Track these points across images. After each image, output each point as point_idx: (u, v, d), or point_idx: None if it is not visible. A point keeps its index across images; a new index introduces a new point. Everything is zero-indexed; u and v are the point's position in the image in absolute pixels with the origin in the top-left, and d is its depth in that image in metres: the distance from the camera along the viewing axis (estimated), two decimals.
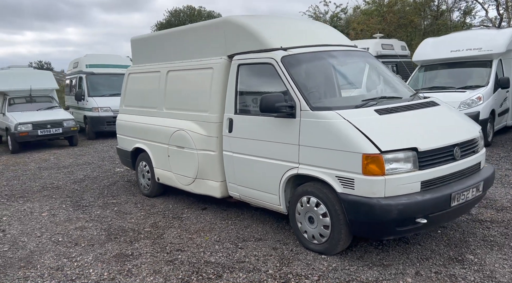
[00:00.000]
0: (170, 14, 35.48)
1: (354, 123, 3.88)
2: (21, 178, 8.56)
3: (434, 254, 4.11)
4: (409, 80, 10.72)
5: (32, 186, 7.78)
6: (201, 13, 35.55)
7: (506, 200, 5.61)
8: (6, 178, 8.63)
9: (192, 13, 35.42)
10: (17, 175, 8.87)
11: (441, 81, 10.55)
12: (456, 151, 4.04)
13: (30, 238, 5.04)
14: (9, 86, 12.60)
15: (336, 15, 21.57)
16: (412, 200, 3.68)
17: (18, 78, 12.82)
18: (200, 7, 35.34)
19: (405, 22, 18.28)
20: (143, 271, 4.01)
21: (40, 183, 7.94)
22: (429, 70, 10.96)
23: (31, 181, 8.17)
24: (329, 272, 3.83)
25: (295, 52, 4.68)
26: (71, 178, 8.24)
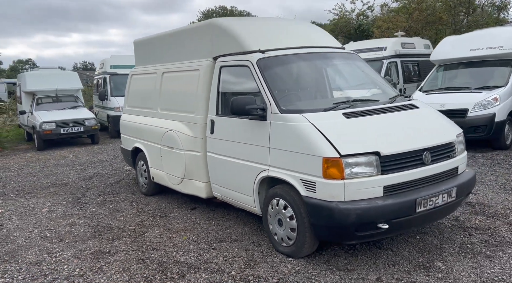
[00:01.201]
0: (203, 15, 35.99)
1: (318, 126, 3.85)
2: (37, 174, 8.98)
3: (403, 260, 4.01)
4: (426, 80, 10.41)
5: (43, 182, 8.16)
6: (233, 13, 35.82)
7: (502, 206, 5.37)
8: (24, 174, 9.08)
9: (224, 13, 35.75)
10: (34, 171, 9.32)
11: (459, 81, 10.16)
12: (426, 155, 3.92)
13: (21, 233, 5.30)
14: (37, 86, 13.23)
15: (363, 13, 21.17)
16: (372, 205, 3.61)
17: (46, 79, 13.42)
18: (232, 7, 35.67)
19: (433, 19, 17.68)
20: (112, 269, 4.14)
21: (52, 180, 8.31)
22: (448, 70, 10.59)
23: (44, 178, 8.56)
24: (290, 275, 3.81)
25: (272, 54, 4.68)
26: (81, 175, 8.56)
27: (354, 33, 20.88)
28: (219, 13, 35.74)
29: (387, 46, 12.02)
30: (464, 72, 10.35)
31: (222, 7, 35.96)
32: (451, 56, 10.31)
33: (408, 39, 13.42)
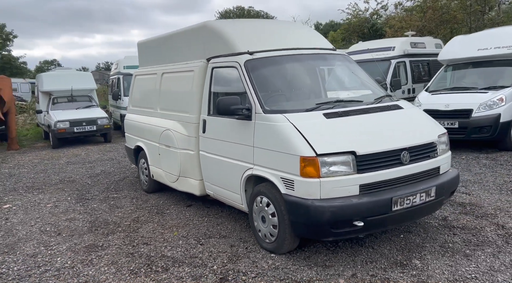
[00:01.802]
0: (221, 15, 36.27)
1: (297, 126, 3.96)
2: (48, 171, 9.32)
3: (382, 258, 4.08)
4: (432, 80, 10.35)
5: (52, 179, 8.47)
6: (250, 13, 35.97)
7: (493, 207, 5.36)
8: (36, 170, 9.43)
9: (241, 14, 35.95)
10: (46, 168, 9.66)
11: (467, 81, 10.07)
12: (404, 155, 3.98)
13: (24, 227, 5.56)
14: (53, 86, 13.66)
15: (376, 12, 20.98)
16: (346, 203, 3.71)
17: (61, 79, 13.84)
18: (250, 7, 35.86)
19: (448, 18, 17.43)
20: (102, 262, 4.33)
21: (61, 177, 8.62)
22: (457, 70, 10.50)
23: (54, 174, 8.87)
24: (269, 271, 3.93)
25: (260, 56, 4.80)
26: (89, 172, 8.85)
27: (368, 32, 20.76)
28: (236, 14, 35.99)
29: (395, 46, 11.97)
30: (472, 72, 10.25)
31: (239, 8, 36.19)
32: (459, 56, 10.22)
33: (418, 38, 13.32)
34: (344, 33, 22.42)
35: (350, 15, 21.84)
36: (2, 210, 6.43)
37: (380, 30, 19.91)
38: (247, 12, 36.04)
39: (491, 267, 3.79)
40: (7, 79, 12.91)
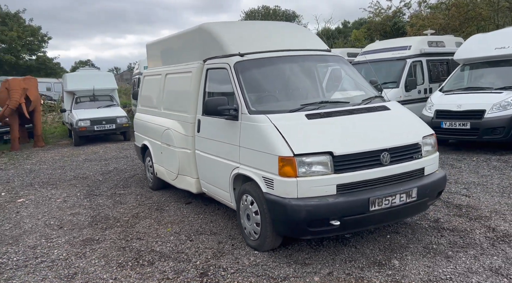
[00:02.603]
0: (246, 15, 36.49)
1: (278, 127, 4.05)
2: (65, 167, 9.72)
3: (362, 257, 4.12)
4: (447, 80, 10.17)
5: (67, 175, 8.83)
6: (276, 13, 36.02)
7: (490, 210, 5.28)
8: (54, 167, 9.84)
9: (267, 13, 36.03)
10: (64, 165, 10.07)
11: (483, 81, 9.84)
12: (384, 156, 4.01)
13: (31, 220, 5.87)
14: (76, 86, 14.17)
15: (399, 10, 20.63)
16: (322, 202, 3.77)
17: (84, 79, 14.34)
18: (276, 6, 35.86)
19: (473, 15, 16.96)
20: (94, 255, 4.55)
21: (76, 173, 8.98)
22: (475, 69, 10.28)
23: (71, 171, 9.25)
24: (249, 267, 4.04)
25: (250, 57, 4.91)
26: (102, 169, 9.18)
27: (390, 31, 20.46)
28: (262, 13, 36.09)
29: (411, 45, 11.76)
30: (489, 72, 10.01)
31: (265, 7, 36.30)
32: (475, 55, 10.00)
33: (437, 37, 13.06)
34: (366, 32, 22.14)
35: (372, 14, 21.59)
36: (16, 204, 6.78)
37: (402, 28, 19.56)
38: (273, 12, 36.11)
39: (469, 269, 3.78)
40: (33, 80, 13.48)
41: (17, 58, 35.08)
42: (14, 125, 13.05)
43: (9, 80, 12.90)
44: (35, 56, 37.29)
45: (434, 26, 16.75)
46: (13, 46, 34.47)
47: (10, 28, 33.95)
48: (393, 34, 19.28)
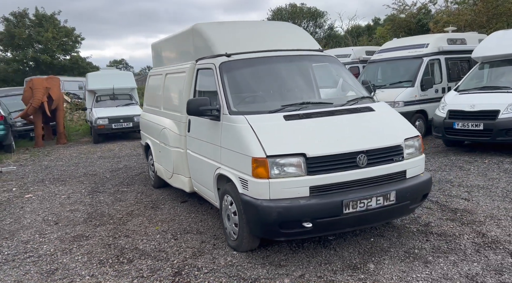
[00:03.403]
0: (273, 13, 36.39)
1: (254, 128, 4.04)
2: (79, 164, 10.00)
3: (339, 260, 4.06)
4: (464, 79, 9.82)
5: (78, 172, 9.09)
6: (303, 11, 35.68)
7: (486, 214, 5.08)
8: (69, 164, 10.15)
9: (293, 11, 35.77)
10: (79, 161, 10.37)
11: (504, 80, 9.41)
12: (360, 158, 3.93)
13: (31, 215, 6.08)
14: (96, 85, 14.55)
15: (424, 6, 20.00)
16: (294, 204, 3.74)
17: (104, 78, 14.69)
18: (302, 4, 35.56)
19: (502, 10, 16.23)
20: (79, 251, 4.67)
21: (87, 170, 9.23)
22: (495, 67, 9.89)
23: (83, 168, 9.52)
24: (223, 267, 4.05)
25: (236, 58, 4.91)
26: (112, 167, 9.40)
27: (415, 28, 19.93)
28: (288, 11, 35.89)
29: (429, 43, 11.43)
30: (510, 71, 9.61)
31: (292, 5, 36.07)
32: (493, 53, 9.61)
33: (458, 34, 12.64)
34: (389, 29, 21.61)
35: (396, 11, 21.08)
36: (23, 199, 7.04)
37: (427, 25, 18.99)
38: (300, 9, 35.81)
39: (444, 275, 3.66)
40: (56, 79, 13.94)
41: (52, 58, 36.31)
42: (38, 123, 13.54)
43: (33, 80, 13.39)
44: (69, 56, 38.48)
45: (459, 23, 16.20)
46: (48, 47, 35.74)
47: (46, 29, 35.19)
48: (417, 32, 18.77)
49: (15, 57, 35.91)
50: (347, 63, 13.93)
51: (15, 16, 36.06)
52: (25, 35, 35.18)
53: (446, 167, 7.63)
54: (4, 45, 36.54)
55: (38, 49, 36.47)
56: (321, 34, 34.76)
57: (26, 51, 35.88)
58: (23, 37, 35.11)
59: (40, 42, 35.92)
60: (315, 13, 35.43)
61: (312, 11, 35.81)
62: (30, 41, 35.87)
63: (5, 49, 36.92)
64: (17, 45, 35.97)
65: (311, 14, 35.54)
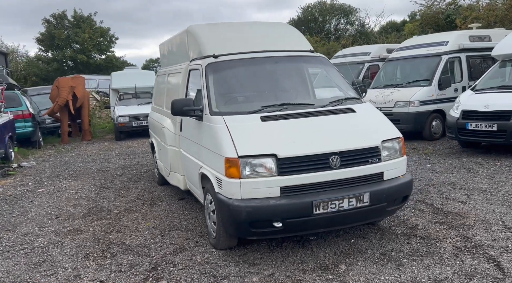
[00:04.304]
0: (303, 10, 36.16)
1: (230, 128, 4.11)
2: (96, 161, 10.37)
3: (312, 260, 4.08)
4: (482, 78, 9.49)
5: (93, 168, 9.43)
6: (333, 7, 35.24)
7: (477, 219, 4.94)
8: (87, 160, 10.54)
9: (322, 8, 35.39)
10: (97, 158, 10.75)
11: None
12: (333, 159, 3.92)
13: (37, 209, 6.38)
14: (119, 84, 15.00)
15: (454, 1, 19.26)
16: (263, 204, 3.79)
17: (127, 77, 15.12)
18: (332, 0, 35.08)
19: None
20: (70, 244, 4.87)
21: (101, 166, 9.56)
22: None
23: (98, 164, 9.86)
24: (198, 264, 4.15)
25: (222, 59, 4.99)
26: (126, 163, 9.69)
27: (443, 25, 19.31)
28: (317, 8, 35.55)
29: (449, 40, 11.09)
30: None
31: (321, 2, 35.67)
32: None
33: (482, 31, 12.19)
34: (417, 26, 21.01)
35: (423, 6, 20.49)
36: (35, 193, 7.39)
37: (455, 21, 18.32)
38: (330, 6, 35.37)
39: (412, 278, 3.62)
40: (81, 78, 14.46)
41: (88, 57, 37.60)
42: (64, 121, 14.12)
43: (59, 79, 13.97)
44: (104, 56, 39.70)
45: (489, 18, 15.59)
46: (85, 47, 37.05)
47: (83, 30, 36.49)
48: (446, 28, 18.19)
49: (55, 57, 37.41)
50: (366, 61, 13.74)
51: (55, 18, 37.60)
52: (64, 36, 36.60)
53: (454, 169, 7.43)
54: (45, 46, 38.17)
55: (75, 49, 37.84)
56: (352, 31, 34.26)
57: (65, 51, 37.31)
58: (62, 38, 36.54)
59: (78, 43, 37.26)
60: (347, 10, 34.91)
61: (344, 8, 35.34)
62: (68, 42, 37.27)
63: (46, 49, 38.55)
64: (57, 45, 37.50)
65: (343, 11, 35.07)
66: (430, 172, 7.32)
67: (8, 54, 23.89)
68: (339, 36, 33.63)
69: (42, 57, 38.30)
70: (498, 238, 4.37)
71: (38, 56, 38.57)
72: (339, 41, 26.86)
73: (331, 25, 36.11)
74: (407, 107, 10.38)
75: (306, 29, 35.48)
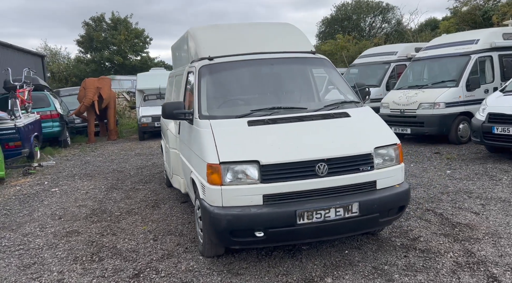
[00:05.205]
0: (337, 9, 35.50)
1: (215, 133, 3.97)
2: (114, 160, 10.50)
3: (299, 272, 3.89)
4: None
5: (110, 168, 9.54)
6: (369, 6, 34.34)
7: (488, 231, 4.58)
8: (106, 160, 10.69)
9: (358, 6, 34.59)
10: (116, 158, 10.89)
11: None
12: (320, 167, 3.70)
13: (44, 209, 6.47)
14: (144, 85, 15.16)
15: None
16: (244, 212, 3.63)
17: (152, 78, 15.25)
18: None
19: None
20: (64, 246, 4.87)
21: (118, 166, 9.66)
22: None
23: (116, 164, 9.98)
24: (181, 272, 4.03)
25: (217, 61, 4.86)
26: (142, 164, 9.75)
27: (480, 22, 18.38)
28: (352, 6, 34.79)
29: (479, 39, 10.51)
30: None
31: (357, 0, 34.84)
32: None
33: None
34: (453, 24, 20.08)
35: (459, 3, 19.58)
36: (48, 193, 7.53)
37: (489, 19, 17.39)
38: (365, 4, 34.51)
39: None
40: (107, 80, 14.75)
41: (124, 58, 38.52)
42: (91, 121, 14.45)
43: (86, 80, 14.31)
44: (139, 57, 40.55)
45: None
46: (121, 48, 38.00)
47: (119, 32, 37.42)
48: (483, 25, 17.31)
49: (94, 58, 38.57)
50: (393, 61, 13.25)
51: (94, 21, 38.77)
52: (102, 38, 37.64)
53: (475, 176, 6.98)
54: (85, 48, 39.44)
55: (112, 51, 38.85)
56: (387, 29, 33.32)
57: (103, 52, 38.38)
58: (100, 40, 37.61)
59: (114, 44, 38.24)
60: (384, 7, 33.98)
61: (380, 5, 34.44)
62: (106, 43, 38.31)
63: (85, 51, 39.83)
64: (95, 47, 38.67)
65: (379, 8, 34.18)
66: (448, 179, 6.91)
67: (45, 57, 24.71)
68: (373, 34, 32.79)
69: (81, 59, 39.56)
70: (505, 254, 4.01)
71: (78, 58, 39.87)
72: (371, 40, 26.17)
73: (366, 24, 35.29)
74: (431, 109, 9.90)
75: (339, 27, 34.86)
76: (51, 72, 37.87)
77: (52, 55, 41.17)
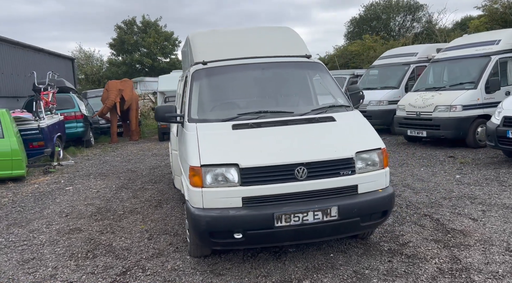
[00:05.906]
0: (366, 9, 34.99)
1: (199, 136, 4.07)
2: (131, 161, 10.79)
3: (279, 274, 3.93)
4: None
5: (124, 168, 9.81)
6: (399, 6, 33.63)
7: (482, 238, 4.48)
8: (124, 160, 10.99)
9: (387, 5, 33.95)
10: (133, 158, 11.18)
11: None
12: (299, 170, 3.73)
13: (54, 207, 6.74)
14: (165, 87, 15.45)
15: None
16: (222, 214, 3.70)
17: (173, 80, 15.42)
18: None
19: None
20: (64, 243, 5.08)
21: (133, 166, 9.92)
22: None
23: (132, 164, 10.25)
24: (166, 271, 4.14)
25: (210, 66, 4.96)
26: (155, 164, 9.98)
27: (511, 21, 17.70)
28: (381, 6, 34.21)
29: (501, 39, 10.18)
30: None
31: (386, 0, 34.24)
32: None
33: None
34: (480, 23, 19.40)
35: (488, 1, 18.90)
36: (62, 191, 7.83)
37: None
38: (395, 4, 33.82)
39: None
40: (129, 82, 15.15)
41: (153, 61, 39.34)
42: (114, 121, 14.86)
43: (109, 83, 14.74)
44: (168, 59, 41.31)
45: None
46: (151, 51, 38.84)
47: (148, 34, 38.27)
48: None
49: (125, 61, 39.57)
50: (412, 62, 13.00)
51: (125, 24, 39.79)
52: (133, 40, 38.58)
53: (485, 181, 6.80)
54: (116, 50, 40.54)
55: (142, 53, 39.74)
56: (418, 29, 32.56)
57: (133, 55, 39.33)
58: (131, 43, 38.56)
59: (144, 47, 39.12)
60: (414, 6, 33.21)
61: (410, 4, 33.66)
62: (136, 46, 39.23)
63: (117, 53, 40.92)
64: (126, 50, 39.68)
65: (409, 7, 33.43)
66: (456, 183, 6.76)
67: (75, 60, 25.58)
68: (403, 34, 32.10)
69: (113, 61, 40.65)
70: (492, 262, 3.92)
71: (110, 60, 40.99)
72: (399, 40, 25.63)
73: (395, 23, 34.60)
74: (447, 112, 9.67)
75: (368, 27, 34.34)
76: (85, 74, 39.17)
77: (86, 58, 42.55)
